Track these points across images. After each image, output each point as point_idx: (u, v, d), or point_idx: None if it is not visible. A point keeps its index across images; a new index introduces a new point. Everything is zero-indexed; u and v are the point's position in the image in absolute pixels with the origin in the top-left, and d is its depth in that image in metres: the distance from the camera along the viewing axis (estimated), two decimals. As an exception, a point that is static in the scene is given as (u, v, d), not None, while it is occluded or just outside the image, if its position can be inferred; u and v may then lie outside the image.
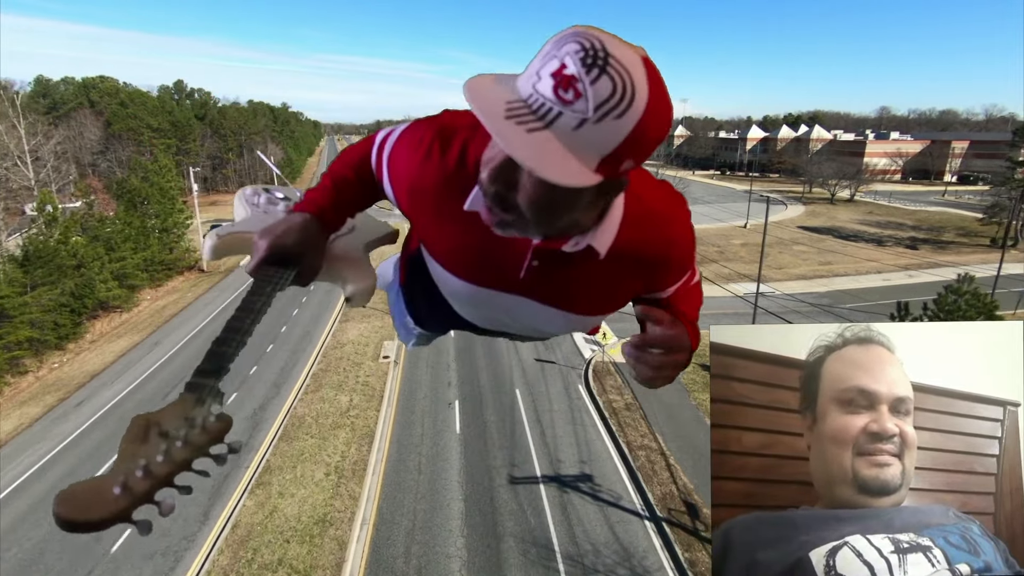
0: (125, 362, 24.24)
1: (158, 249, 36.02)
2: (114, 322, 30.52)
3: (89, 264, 28.72)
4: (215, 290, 34.61)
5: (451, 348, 24.34)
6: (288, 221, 1.09)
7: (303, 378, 21.55)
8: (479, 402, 19.62)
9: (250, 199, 1.51)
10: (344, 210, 1.18)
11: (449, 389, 20.62)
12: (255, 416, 18.84)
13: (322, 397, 19.99)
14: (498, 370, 22.07)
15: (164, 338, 26.78)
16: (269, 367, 22.76)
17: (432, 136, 1.00)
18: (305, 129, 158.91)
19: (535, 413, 18.72)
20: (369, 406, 19.39)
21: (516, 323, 1.24)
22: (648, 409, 18.54)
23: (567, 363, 22.47)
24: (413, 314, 1.59)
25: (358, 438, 17.47)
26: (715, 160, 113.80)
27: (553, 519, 13.77)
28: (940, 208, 64.26)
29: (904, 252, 45.75)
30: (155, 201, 37.95)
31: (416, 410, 19.21)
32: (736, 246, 46.95)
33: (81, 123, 71.62)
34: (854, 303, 31.44)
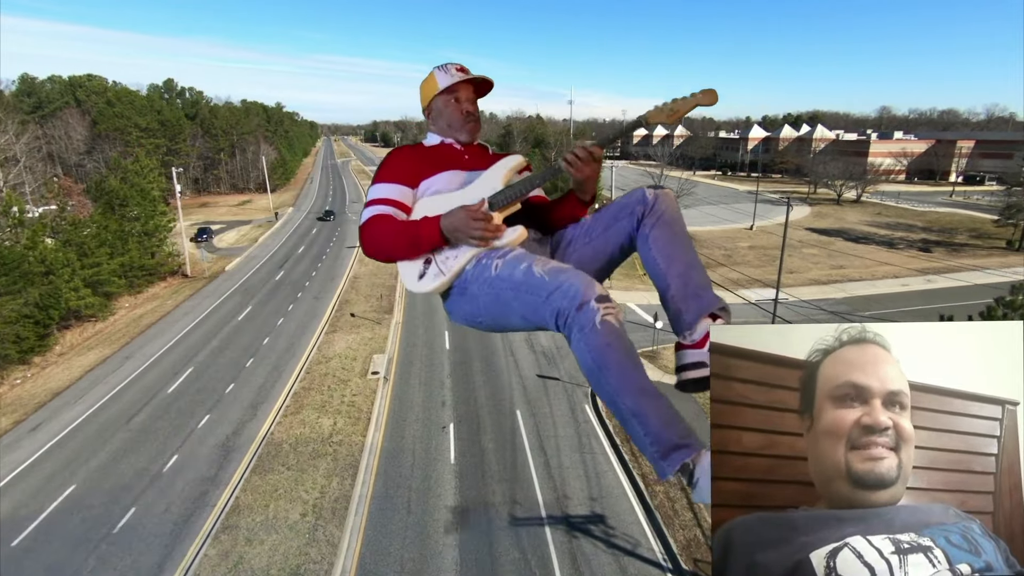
0: (92, 378, 22.32)
1: (138, 254, 34.04)
2: (87, 332, 28.59)
3: (58, 271, 26.79)
4: (197, 297, 32.67)
5: (446, 362, 22.49)
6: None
7: (283, 398, 19.67)
8: (476, 425, 17.78)
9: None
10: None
11: (443, 410, 18.77)
12: (227, 444, 16.96)
13: (303, 420, 18.12)
14: (497, 387, 20.24)
15: (136, 351, 24.85)
16: (247, 385, 20.88)
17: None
18: (301, 129, 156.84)
19: (538, 438, 16.88)
20: (354, 430, 17.52)
21: None
22: (664, 434, 16.71)
23: (572, 379, 20.64)
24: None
25: (340, 469, 15.60)
26: (716, 160, 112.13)
27: (561, 570, 11.94)
28: (949, 209, 62.67)
29: (917, 255, 44.09)
30: (135, 203, 35.99)
31: (406, 435, 17.35)
32: (743, 249, 45.26)
33: (67, 122, 69.61)
34: (873, 310, 29.69)
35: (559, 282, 1.48)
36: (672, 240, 1.69)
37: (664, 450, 1.34)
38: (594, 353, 1.39)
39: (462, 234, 1.72)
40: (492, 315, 1.71)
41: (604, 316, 1.40)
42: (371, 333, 25.52)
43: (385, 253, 1.81)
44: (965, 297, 31.32)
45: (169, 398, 20.16)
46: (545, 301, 1.48)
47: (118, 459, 16.51)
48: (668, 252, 1.68)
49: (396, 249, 1.80)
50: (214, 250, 45.40)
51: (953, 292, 32.37)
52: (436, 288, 1.78)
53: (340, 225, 53.11)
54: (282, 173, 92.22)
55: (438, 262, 1.78)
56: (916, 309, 29.52)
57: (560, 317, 1.45)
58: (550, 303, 1.47)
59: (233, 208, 68.93)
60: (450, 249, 1.77)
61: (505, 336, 24.76)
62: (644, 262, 1.72)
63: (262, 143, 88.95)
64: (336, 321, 27.16)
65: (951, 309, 29.45)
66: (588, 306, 1.41)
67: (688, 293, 1.62)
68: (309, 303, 30.40)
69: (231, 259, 41.60)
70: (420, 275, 1.80)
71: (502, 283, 1.63)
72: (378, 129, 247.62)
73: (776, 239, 48.48)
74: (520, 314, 1.59)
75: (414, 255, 1.80)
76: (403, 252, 1.80)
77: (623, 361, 1.39)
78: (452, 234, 1.73)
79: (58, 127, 68.88)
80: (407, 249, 1.79)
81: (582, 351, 1.41)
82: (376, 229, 1.79)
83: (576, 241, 1.91)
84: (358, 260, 39.16)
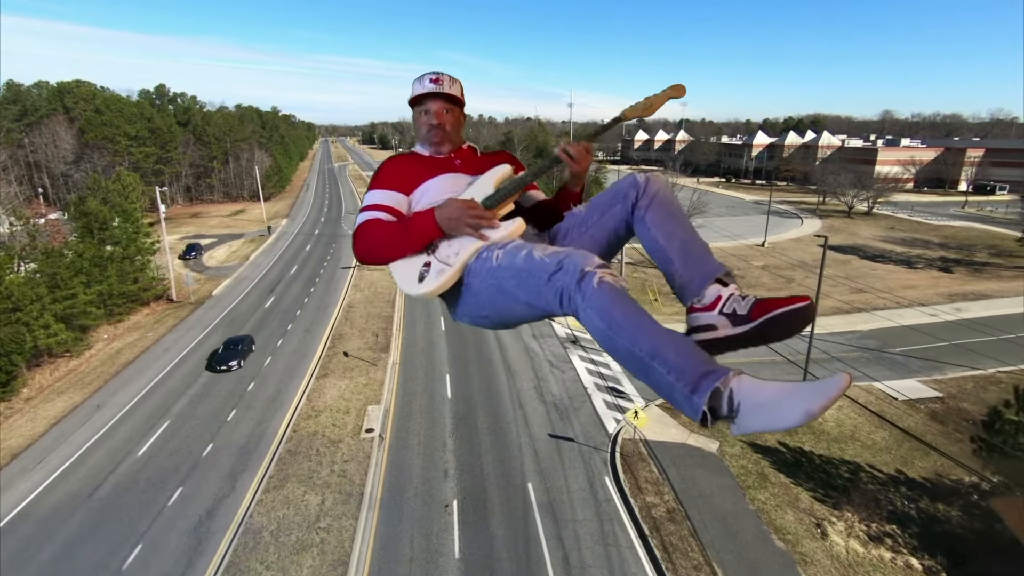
0: (57, 434, 20.20)
1: (118, 280, 31.89)
2: (59, 371, 26.44)
3: (26, 308, 24.66)
4: (180, 328, 30.52)
5: (448, 416, 20.43)
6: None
7: (266, 466, 17.58)
8: (483, 504, 15.72)
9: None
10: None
11: (446, 482, 16.70)
12: (199, 529, 14.86)
13: (287, 497, 16.03)
14: (505, 451, 18.19)
15: (109, 398, 22.74)
16: (227, 446, 18.78)
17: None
18: (298, 132, 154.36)
19: (555, 524, 14.83)
20: (345, 511, 15.44)
21: None
22: (697, 519, 14.69)
23: (587, 440, 18.61)
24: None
25: (328, 567, 13.53)
26: (720, 167, 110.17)
27: None
28: (965, 223, 60.82)
29: (939, 276, 42.23)
30: (118, 227, 33.79)
31: (404, 517, 15.28)
32: (756, 269, 43.30)
33: (54, 131, 67.28)
34: (902, 345, 27.72)
35: (560, 262, 1.49)
36: (668, 218, 1.69)
37: (692, 381, 1.26)
38: (601, 314, 1.38)
39: (457, 222, 1.74)
40: (497, 307, 1.70)
41: (602, 278, 1.41)
42: (365, 378, 23.43)
43: (378, 254, 1.81)
44: (998, 328, 29.48)
45: (139, 463, 18.06)
46: (548, 283, 1.49)
47: (73, 549, 14.40)
48: (666, 229, 1.68)
49: (391, 247, 1.81)
50: (202, 269, 43.27)
51: (987, 323, 30.44)
52: (439, 287, 1.75)
53: (334, 242, 50.98)
54: (277, 181, 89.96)
55: (438, 260, 1.78)
56: (946, 344, 27.54)
57: (564, 295, 1.44)
58: (553, 284, 1.48)
59: (226, 219, 66.74)
60: (449, 247, 1.78)
61: (512, 384, 22.71)
62: (644, 243, 1.72)
63: (256, 150, 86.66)
64: (327, 363, 25.06)
65: (984, 345, 27.70)
66: (585, 273, 1.43)
67: (691, 263, 1.61)
68: (299, 338, 28.29)
69: (219, 280, 39.46)
70: (420, 277, 1.78)
71: (504, 272, 1.64)
72: (376, 131, 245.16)
73: (789, 258, 46.61)
74: (525, 300, 1.58)
75: (409, 250, 1.80)
76: (399, 248, 1.81)
77: (631, 312, 1.37)
78: (447, 223, 1.74)
79: (44, 135, 66.60)
80: (403, 244, 1.80)
81: (590, 318, 1.40)
82: (369, 233, 1.81)
83: (573, 231, 1.92)
84: (352, 286, 37.05)
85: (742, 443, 18.52)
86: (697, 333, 1.55)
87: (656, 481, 16.33)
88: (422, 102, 2.01)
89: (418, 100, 2.02)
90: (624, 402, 21.20)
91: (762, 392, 1.20)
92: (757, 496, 15.68)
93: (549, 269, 1.49)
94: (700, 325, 1.56)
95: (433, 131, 2.02)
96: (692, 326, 1.58)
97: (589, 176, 49.58)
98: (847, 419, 20.72)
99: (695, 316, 1.58)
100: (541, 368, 24.23)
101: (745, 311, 1.49)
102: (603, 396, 21.65)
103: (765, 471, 17.05)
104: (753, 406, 1.18)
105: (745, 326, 1.48)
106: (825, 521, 14.90)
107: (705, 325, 1.55)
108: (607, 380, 23.01)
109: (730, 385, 1.23)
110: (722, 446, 18.27)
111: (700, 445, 18.28)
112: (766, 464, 17.42)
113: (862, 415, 21.04)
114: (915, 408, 21.74)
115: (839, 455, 18.47)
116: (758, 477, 16.65)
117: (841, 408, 21.43)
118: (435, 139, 2.03)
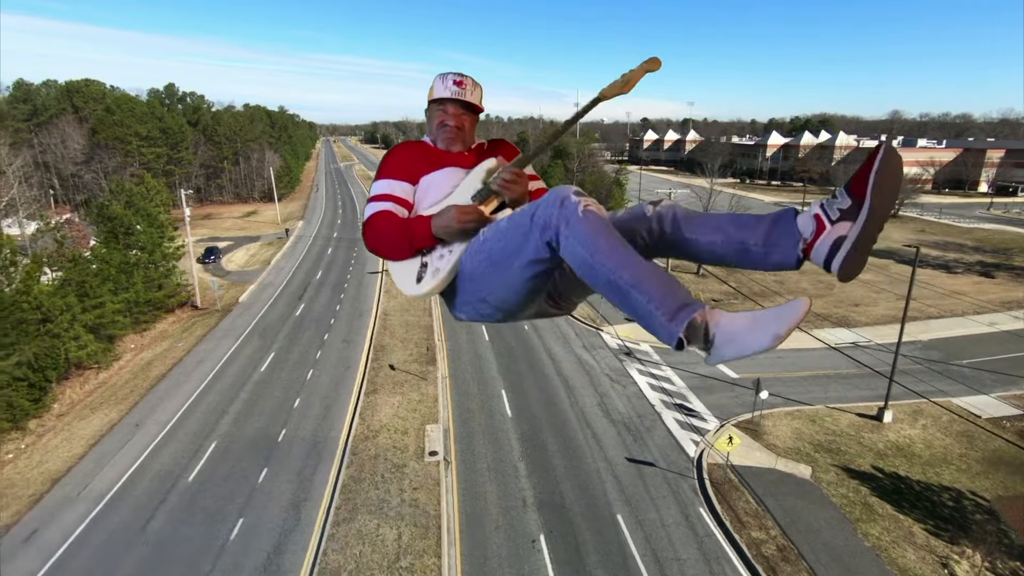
0: (97, 456, 18.97)
1: (143, 288, 30.64)
2: (89, 384, 25.20)
3: (57, 319, 23.42)
4: (211, 338, 29.27)
5: (513, 437, 19.22)
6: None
7: (329, 494, 16.37)
8: (572, 538, 14.54)
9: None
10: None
11: (526, 512, 15.51)
12: (268, 568, 13.66)
13: (359, 531, 14.81)
14: (583, 477, 17.00)
15: (147, 415, 21.50)
16: (283, 470, 17.58)
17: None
18: (302, 132, 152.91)
19: (657, 564, 13.63)
20: (425, 547, 14.25)
21: None
22: (812, 558, 13.51)
23: (669, 465, 17.42)
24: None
25: (418, 614, 12.34)
26: (733, 167, 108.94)
27: None
28: (995, 225, 59.78)
29: (981, 281, 41.19)
30: (141, 231, 32.56)
31: (489, 554, 14.09)
32: (793, 275, 42.09)
33: (63, 131, 65.91)
34: (968, 358, 26.56)
35: (538, 202, 1.50)
36: (702, 218, 1.60)
37: (670, 311, 1.28)
38: (584, 242, 1.38)
39: (452, 230, 1.73)
40: (492, 286, 1.66)
41: (586, 207, 1.41)
42: (418, 394, 22.23)
43: (384, 250, 1.83)
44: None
45: (191, 489, 16.85)
46: (531, 224, 1.48)
47: (134, 591, 13.20)
48: (711, 224, 1.57)
49: (393, 249, 1.82)
50: (223, 273, 42.05)
51: (1048, 332, 29.30)
52: (437, 285, 1.76)
53: (356, 246, 49.72)
54: (287, 181, 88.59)
55: (433, 261, 1.78)
56: (1017, 356, 26.42)
57: (548, 229, 1.43)
58: (536, 222, 1.47)
59: (239, 221, 65.46)
60: (443, 247, 1.78)
61: (574, 400, 21.51)
62: (698, 256, 1.60)
63: (267, 150, 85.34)
64: (375, 377, 23.84)
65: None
66: (568, 200, 1.43)
67: (758, 223, 1.50)
68: (339, 348, 27.08)
69: (243, 286, 38.24)
70: (418, 278, 1.80)
71: (490, 241, 1.64)
72: (378, 130, 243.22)
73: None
74: (516, 263, 1.55)
75: (408, 253, 1.81)
76: (399, 251, 1.82)
77: (613, 242, 1.38)
78: (443, 232, 1.75)
79: (54, 135, 65.23)
80: (403, 247, 1.80)
81: (572, 246, 1.40)
82: (378, 225, 1.82)
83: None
84: (384, 291, 35.83)
85: (836, 468, 17.35)
86: (836, 252, 1.35)
87: (756, 513, 15.14)
88: (443, 103, 1.99)
89: (438, 100, 2.00)
90: (697, 421, 20.03)
91: (734, 323, 1.24)
92: (870, 531, 14.50)
93: (530, 211, 1.50)
94: (832, 245, 1.36)
95: (448, 130, 2.00)
96: (826, 252, 1.38)
97: (610, 177, 47.74)
98: (935, 439, 19.56)
99: (819, 245, 1.39)
100: (601, 383, 23.03)
101: (846, 202, 1.37)
102: (673, 415, 20.46)
103: (868, 500, 15.88)
104: (726, 336, 1.22)
105: (863, 209, 1.34)
106: (950, 559, 13.74)
107: (835, 241, 1.36)
108: (673, 396, 21.82)
109: (706, 319, 1.26)
110: (815, 471, 17.10)
111: (791, 471, 17.11)
112: (867, 492, 16.25)
113: (949, 435, 19.90)
114: (1001, 427, 20.59)
115: (936, 481, 17.31)
116: (864, 508, 15.48)
117: (926, 428, 20.29)
118: (449, 136, 2.00)
